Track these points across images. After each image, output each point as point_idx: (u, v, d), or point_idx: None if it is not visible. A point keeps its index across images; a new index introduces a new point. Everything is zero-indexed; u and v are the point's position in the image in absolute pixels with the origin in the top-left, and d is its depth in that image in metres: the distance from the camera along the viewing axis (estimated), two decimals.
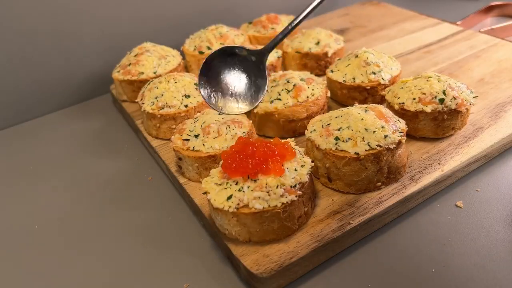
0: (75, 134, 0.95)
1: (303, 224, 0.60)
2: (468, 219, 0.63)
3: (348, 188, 0.65)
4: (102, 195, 0.77)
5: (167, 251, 0.64)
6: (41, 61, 1.02)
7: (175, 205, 0.73)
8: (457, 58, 0.99)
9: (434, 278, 0.55)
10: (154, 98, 0.82)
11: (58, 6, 0.99)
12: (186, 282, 0.59)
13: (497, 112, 0.78)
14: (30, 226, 0.72)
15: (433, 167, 0.68)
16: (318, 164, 0.66)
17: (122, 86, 0.95)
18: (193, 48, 1.01)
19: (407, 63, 1.00)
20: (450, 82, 0.73)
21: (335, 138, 0.64)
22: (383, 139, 0.62)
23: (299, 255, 0.56)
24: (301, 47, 0.96)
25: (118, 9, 1.07)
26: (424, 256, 0.58)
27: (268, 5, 1.30)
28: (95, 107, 1.06)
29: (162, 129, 0.82)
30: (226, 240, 0.59)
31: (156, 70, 0.94)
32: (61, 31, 1.01)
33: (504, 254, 0.57)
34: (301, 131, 0.79)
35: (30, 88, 1.03)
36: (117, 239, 0.67)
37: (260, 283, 0.55)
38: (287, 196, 0.56)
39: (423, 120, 0.72)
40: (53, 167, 0.86)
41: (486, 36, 1.06)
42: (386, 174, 0.64)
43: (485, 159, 0.72)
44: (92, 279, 0.61)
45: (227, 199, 0.57)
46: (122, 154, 0.87)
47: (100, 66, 1.10)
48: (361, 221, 0.60)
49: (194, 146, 0.69)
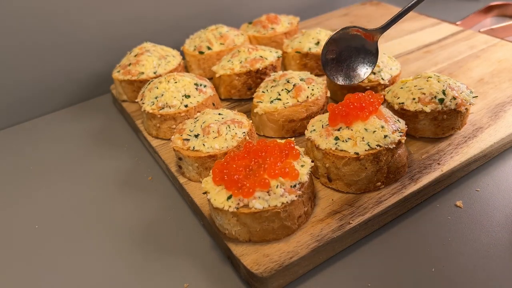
0: (75, 134, 0.95)
1: (303, 223, 0.60)
2: (468, 219, 0.63)
3: (348, 188, 0.65)
4: (102, 195, 0.77)
5: (167, 251, 0.64)
6: (41, 61, 1.02)
7: (175, 205, 0.73)
8: (457, 58, 0.99)
9: (434, 278, 0.56)
10: (154, 98, 0.82)
11: (58, 6, 0.99)
12: (186, 282, 0.59)
13: (496, 112, 0.78)
14: (30, 226, 0.72)
15: (432, 167, 0.68)
16: (318, 164, 0.67)
17: (122, 86, 0.95)
18: (193, 48, 1.01)
19: (407, 63, 1.00)
20: (450, 82, 0.73)
21: (335, 138, 0.64)
22: (383, 139, 0.62)
23: (299, 255, 0.56)
24: (301, 47, 0.96)
25: (118, 9, 1.07)
26: (424, 256, 0.59)
27: (268, 5, 1.30)
28: (95, 107, 1.06)
29: (162, 129, 0.82)
30: (226, 240, 0.59)
31: (156, 70, 0.94)
32: (61, 31, 1.01)
33: (504, 254, 0.58)
34: (301, 131, 0.79)
35: (30, 88, 1.03)
36: (117, 238, 0.67)
37: (260, 283, 0.55)
38: (287, 196, 0.56)
39: (422, 120, 0.72)
40: (53, 167, 0.86)
41: (485, 36, 1.06)
42: (386, 174, 0.64)
43: (485, 159, 0.72)
44: (92, 279, 0.61)
45: (227, 199, 0.57)
46: (122, 154, 0.87)
47: (100, 66, 1.10)
48: (361, 221, 0.60)
49: (194, 146, 0.70)
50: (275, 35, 1.07)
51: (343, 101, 0.67)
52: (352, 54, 0.77)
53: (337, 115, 0.65)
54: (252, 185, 0.56)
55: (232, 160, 0.60)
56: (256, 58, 0.90)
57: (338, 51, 0.76)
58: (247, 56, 0.90)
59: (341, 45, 0.77)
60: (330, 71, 0.76)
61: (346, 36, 0.77)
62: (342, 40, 0.77)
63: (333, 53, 0.76)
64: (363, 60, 0.77)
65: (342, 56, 0.77)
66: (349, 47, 0.77)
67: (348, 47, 0.77)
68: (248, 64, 0.89)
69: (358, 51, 0.77)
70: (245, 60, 0.90)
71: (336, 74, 0.76)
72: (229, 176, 0.57)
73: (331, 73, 0.76)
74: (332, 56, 0.76)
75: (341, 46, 0.77)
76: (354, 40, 0.77)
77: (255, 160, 0.59)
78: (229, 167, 0.58)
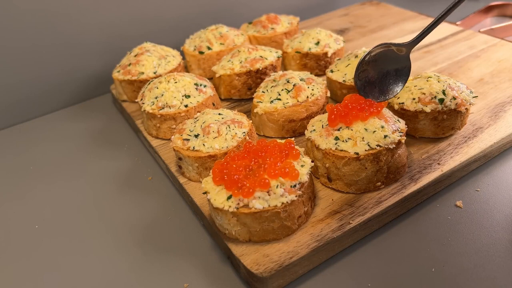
0: (75, 134, 0.95)
1: (303, 223, 0.60)
2: (468, 219, 0.63)
3: (348, 188, 0.65)
4: (102, 195, 0.77)
5: (167, 251, 0.64)
6: (41, 61, 1.02)
7: (175, 205, 0.73)
8: (457, 58, 0.99)
9: (434, 278, 0.56)
10: (154, 98, 0.82)
11: (58, 6, 0.99)
12: (186, 282, 0.59)
13: (496, 112, 0.78)
14: (30, 226, 0.72)
15: (432, 167, 0.68)
16: (318, 164, 0.67)
17: (122, 86, 0.95)
18: (193, 48, 1.01)
19: None
20: (449, 82, 0.73)
21: (335, 138, 0.64)
22: (383, 139, 0.62)
23: (299, 255, 0.56)
24: (301, 47, 0.96)
25: (118, 9, 1.07)
26: (424, 256, 0.59)
27: (268, 5, 1.30)
28: (95, 107, 1.06)
29: (162, 129, 0.82)
30: (226, 240, 0.59)
31: (156, 70, 0.94)
32: (61, 31, 1.01)
33: (504, 254, 0.58)
34: (301, 131, 0.79)
35: (30, 88, 1.03)
36: (117, 238, 0.67)
37: (260, 283, 0.55)
38: (287, 196, 0.56)
39: (422, 120, 0.72)
40: (53, 167, 0.86)
41: (485, 36, 1.06)
42: (386, 174, 0.64)
43: (485, 159, 0.72)
44: (92, 279, 0.61)
45: (227, 199, 0.57)
46: (122, 154, 0.87)
47: (100, 66, 1.10)
48: (361, 221, 0.60)
49: (194, 146, 0.70)
50: (275, 35, 1.07)
51: (341, 102, 0.67)
52: (384, 71, 0.74)
53: (336, 115, 0.65)
54: (252, 185, 0.56)
55: (232, 160, 0.60)
56: (256, 58, 0.90)
57: (371, 70, 0.74)
58: (247, 56, 0.90)
59: (372, 64, 0.74)
60: (365, 92, 0.73)
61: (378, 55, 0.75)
62: (375, 60, 0.75)
63: (366, 72, 0.74)
64: (395, 74, 0.74)
65: (374, 74, 0.74)
66: (381, 64, 0.75)
67: (380, 64, 0.75)
68: (248, 64, 0.89)
69: (390, 66, 0.74)
70: (245, 60, 0.90)
71: (371, 92, 0.73)
72: (229, 176, 0.57)
73: (365, 94, 0.73)
74: (365, 76, 0.74)
75: (372, 65, 0.74)
76: (385, 56, 0.75)
77: (255, 160, 0.59)
78: (229, 167, 0.58)
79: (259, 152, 0.60)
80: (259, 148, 0.60)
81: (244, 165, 0.59)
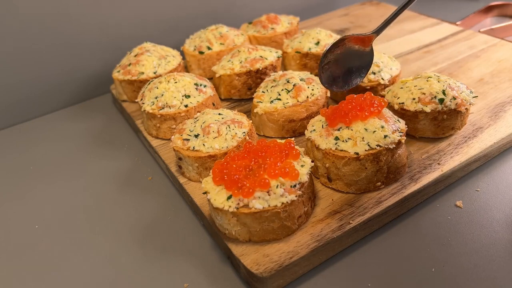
0: (75, 134, 0.95)
1: (303, 223, 0.60)
2: (468, 219, 0.63)
3: (348, 188, 0.65)
4: (102, 195, 0.77)
5: (167, 251, 0.64)
6: (41, 61, 1.02)
7: (175, 205, 0.73)
8: (457, 58, 0.99)
9: (434, 278, 0.56)
10: (154, 98, 0.82)
11: (58, 6, 0.99)
12: (186, 282, 0.59)
13: (496, 112, 0.78)
14: (30, 226, 0.72)
15: (432, 167, 0.68)
16: (318, 164, 0.67)
17: (122, 86, 0.95)
18: (193, 48, 1.01)
19: (407, 63, 1.00)
20: (449, 82, 0.73)
21: (335, 138, 0.64)
22: (383, 139, 0.62)
23: (299, 255, 0.56)
24: (301, 47, 0.96)
25: (118, 9, 1.07)
26: (424, 256, 0.59)
27: (268, 5, 1.30)
28: (95, 107, 1.06)
29: (162, 129, 0.82)
30: (226, 240, 0.59)
31: (156, 70, 0.94)
32: (61, 31, 1.01)
33: (504, 254, 0.58)
34: (301, 131, 0.79)
35: (30, 88, 1.03)
36: (117, 238, 0.67)
37: (260, 283, 0.55)
38: (287, 196, 0.56)
39: (422, 120, 0.72)
40: (53, 167, 0.86)
41: (485, 36, 1.06)
42: (386, 174, 0.64)
43: (485, 159, 0.72)
44: (92, 279, 0.61)
45: (227, 199, 0.57)
46: (122, 154, 0.87)
47: (100, 66, 1.10)
48: (361, 221, 0.60)
49: (194, 146, 0.70)
50: (275, 35, 1.07)
51: (337, 105, 0.67)
52: (347, 62, 0.76)
53: (335, 117, 0.65)
54: (252, 185, 0.56)
55: (232, 160, 0.60)
56: (256, 58, 0.90)
57: (334, 61, 0.76)
58: (247, 56, 0.90)
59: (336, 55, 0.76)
60: (328, 83, 0.75)
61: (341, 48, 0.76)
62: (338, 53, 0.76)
63: (329, 64, 0.76)
64: (358, 65, 0.77)
65: (338, 65, 0.76)
66: (344, 56, 0.76)
67: (343, 56, 0.76)
68: (248, 64, 0.89)
69: (353, 57, 0.77)
70: (245, 60, 0.90)
71: (333, 83, 0.76)
72: (229, 176, 0.57)
73: (329, 84, 0.75)
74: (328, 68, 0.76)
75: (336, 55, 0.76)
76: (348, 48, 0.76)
77: (255, 160, 0.59)
78: (229, 167, 0.58)
79: (259, 152, 0.60)
80: (259, 148, 0.60)
81: (244, 165, 0.59)
